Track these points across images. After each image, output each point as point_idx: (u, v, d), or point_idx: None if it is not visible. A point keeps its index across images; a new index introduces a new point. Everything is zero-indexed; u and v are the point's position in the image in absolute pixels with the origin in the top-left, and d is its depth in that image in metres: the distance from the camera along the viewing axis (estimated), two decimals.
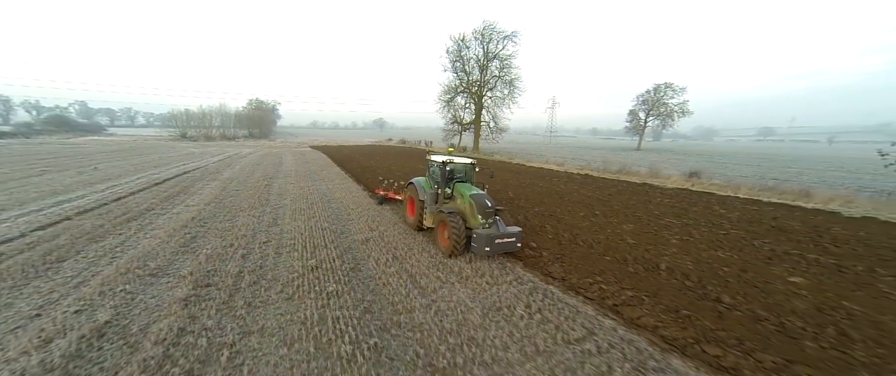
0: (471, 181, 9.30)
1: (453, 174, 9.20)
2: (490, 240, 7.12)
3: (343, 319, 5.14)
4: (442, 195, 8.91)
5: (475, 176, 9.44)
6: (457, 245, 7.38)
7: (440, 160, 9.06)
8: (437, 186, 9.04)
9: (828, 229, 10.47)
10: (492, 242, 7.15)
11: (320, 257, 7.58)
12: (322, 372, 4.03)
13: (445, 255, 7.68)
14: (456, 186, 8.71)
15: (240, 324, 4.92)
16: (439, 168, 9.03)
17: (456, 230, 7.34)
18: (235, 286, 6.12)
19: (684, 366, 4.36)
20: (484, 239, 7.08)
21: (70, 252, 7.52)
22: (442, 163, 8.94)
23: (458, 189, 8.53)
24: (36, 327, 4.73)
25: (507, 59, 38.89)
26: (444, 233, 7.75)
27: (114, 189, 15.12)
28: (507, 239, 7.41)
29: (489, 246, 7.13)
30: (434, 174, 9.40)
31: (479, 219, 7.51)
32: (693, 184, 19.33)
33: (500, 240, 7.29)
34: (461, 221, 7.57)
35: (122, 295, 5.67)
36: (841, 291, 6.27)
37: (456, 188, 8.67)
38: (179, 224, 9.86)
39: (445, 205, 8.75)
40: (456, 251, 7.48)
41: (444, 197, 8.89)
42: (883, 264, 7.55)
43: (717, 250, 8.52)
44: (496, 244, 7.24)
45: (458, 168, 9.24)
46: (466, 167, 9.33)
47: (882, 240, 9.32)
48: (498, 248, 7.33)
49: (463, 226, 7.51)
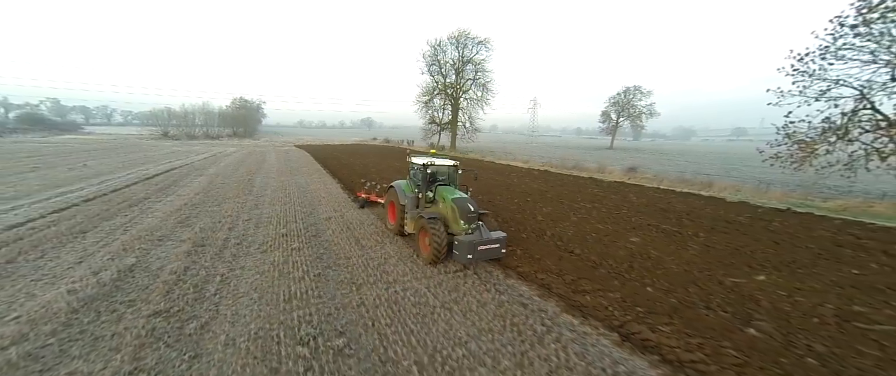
0: (454, 184, 8.94)
1: (435, 177, 8.84)
2: (472, 247, 6.80)
3: (300, 262, 7.44)
4: (423, 199, 8.45)
5: (459, 178, 9.10)
6: (438, 252, 7.01)
7: (421, 162, 8.59)
8: (418, 190, 8.58)
9: (701, 210, 13.30)
10: (474, 250, 6.84)
11: (290, 228, 9.85)
12: (281, 286, 6.34)
13: (426, 263, 7.36)
14: (438, 189, 8.34)
15: (228, 265, 7.17)
16: (420, 170, 8.57)
17: (437, 237, 6.99)
18: (224, 245, 8.34)
19: (519, 284, 6.83)
20: (466, 246, 6.76)
21: (89, 227, 9.54)
22: (423, 165, 8.45)
23: (441, 192, 8.13)
24: (85, 266, 6.86)
25: (480, 64, 41.76)
26: (425, 240, 7.37)
27: (108, 183, 16.84)
28: (491, 245, 7.11)
29: (472, 253, 6.81)
30: (415, 177, 8.99)
31: (461, 225, 7.21)
32: (629, 177, 22.30)
33: (483, 246, 6.98)
34: (443, 227, 7.24)
35: (139, 250, 7.82)
36: (658, 246, 8.94)
37: (438, 191, 8.29)
38: (174, 208, 11.89)
39: (427, 209, 8.32)
40: (437, 258, 7.12)
41: (425, 201, 8.47)
42: (709, 231, 10.32)
43: (600, 224, 11.16)
44: (479, 251, 6.92)
45: (441, 170, 8.88)
46: (449, 169, 8.94)
47: (731, 217, 12.17)
48: (481, 256, 7.01)
49: (444, 232, 7.19)
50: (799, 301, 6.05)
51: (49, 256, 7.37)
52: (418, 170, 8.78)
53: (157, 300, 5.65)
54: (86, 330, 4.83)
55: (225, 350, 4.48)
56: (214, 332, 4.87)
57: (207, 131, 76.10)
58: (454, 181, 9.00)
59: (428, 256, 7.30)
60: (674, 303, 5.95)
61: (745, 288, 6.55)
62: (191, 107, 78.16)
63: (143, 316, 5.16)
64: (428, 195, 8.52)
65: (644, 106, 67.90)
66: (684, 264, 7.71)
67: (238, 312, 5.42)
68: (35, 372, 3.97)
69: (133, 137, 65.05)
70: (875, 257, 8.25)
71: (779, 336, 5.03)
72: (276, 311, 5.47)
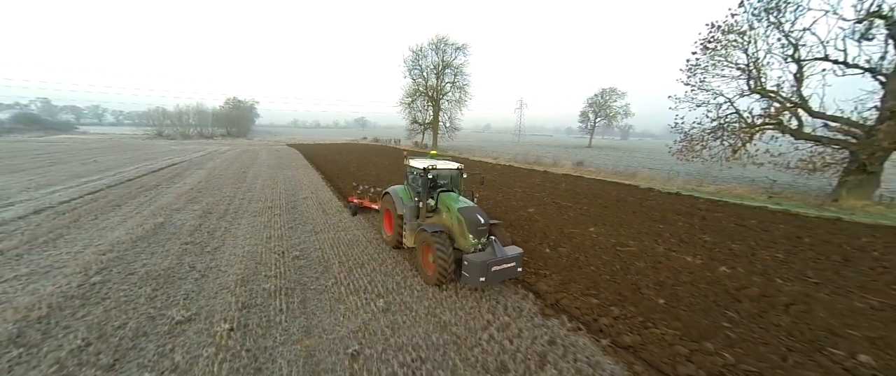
0: (458, 190, 8.08)
1: (437, 182, 7.98)
2: (485, 268, 5.85)
3: (280, 222, 10.64)
4: (424, 208, 7.55)
5: (462, 183, 8.25)
6: (444, 272, 6.15)
7: (421, 166, 7.61)
8: (418, 198, 7.68)
9: (606, 193, 16.70)
10: (488, 271, 5.89)
11: (275, 203, 13.05)
12: (265, 232, 9.52)
13: (430, 284, 6.49)
14: (440, 197, 7.45)
15: (228, 222, 10.35)
16: (421, 176, 7.64)
17: (443, 254, 6.13)
18: (225, 213, 11.51)
19: None
20: (478, 267, 5.83)
21: (121, 202, 12.61)
22: (423, 169, 7.48)
23: (444, 201, 7.23)
24: (130, 223, 9.99)
25: (458, 68, 45.12)
26: (429, 257, 6.57)
27: (120, 175, 19.78)
28: (507, 264, 6.12)
29: (484, 275, 5.87)
30: (414, 183, 8.09)
31: (470, 240, 6.36)
32: (575, 170, 25.78)
33: (497, 267, 5.99)
34: (449, 242, 6.36)
35: (164, 215, 10.94)
36: (544, 214, 12.28)
37: (441, 199, 7.38)
38: (183, 191, 14.99)
39: (428, 219, 7.50)
40: (444, 279, 6.25)
41: (426, 210, 7.57)
42: (593, 206, 13.70)
43: (515, 201, 14.48)
44: (493, 272, 5.96)
45: (443, 174, 8.01)
46: (452, 173, 8.08)
47: (622, 197, 15.59)
48: (495, 277, 6.04)
49: (451, 248, 6.33)
50: (600, 240, 9.41)
51: (101, 218, 10.47)
52: (418, 176, 7.85)
53: (185, 237, 8.84)
54: (146, 249, 7.99)
55: (230, 256, 7.69)
56: (223, 250, 8.07)
57: (202, 131, 78.39)
58: (457, 186, 8.12)
59: (432, 277, 6.34)
60: (528, 246, 9.26)
61: (577, 236, 9.88)
62: (185, 107, 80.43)
63: (179, 244, 8.35)
64: (429, 203, 7.60)
65: (619, 106, 72.03)
66: (550, 223, 11.05)
67: (237, 242, 8.63)
68: (123, 264, 7.12)
69: (128, 137, 67.20)
70: (689, 220, 11.69)
71: (569, 256, 8.32)
72: (260, 242, 8.69)
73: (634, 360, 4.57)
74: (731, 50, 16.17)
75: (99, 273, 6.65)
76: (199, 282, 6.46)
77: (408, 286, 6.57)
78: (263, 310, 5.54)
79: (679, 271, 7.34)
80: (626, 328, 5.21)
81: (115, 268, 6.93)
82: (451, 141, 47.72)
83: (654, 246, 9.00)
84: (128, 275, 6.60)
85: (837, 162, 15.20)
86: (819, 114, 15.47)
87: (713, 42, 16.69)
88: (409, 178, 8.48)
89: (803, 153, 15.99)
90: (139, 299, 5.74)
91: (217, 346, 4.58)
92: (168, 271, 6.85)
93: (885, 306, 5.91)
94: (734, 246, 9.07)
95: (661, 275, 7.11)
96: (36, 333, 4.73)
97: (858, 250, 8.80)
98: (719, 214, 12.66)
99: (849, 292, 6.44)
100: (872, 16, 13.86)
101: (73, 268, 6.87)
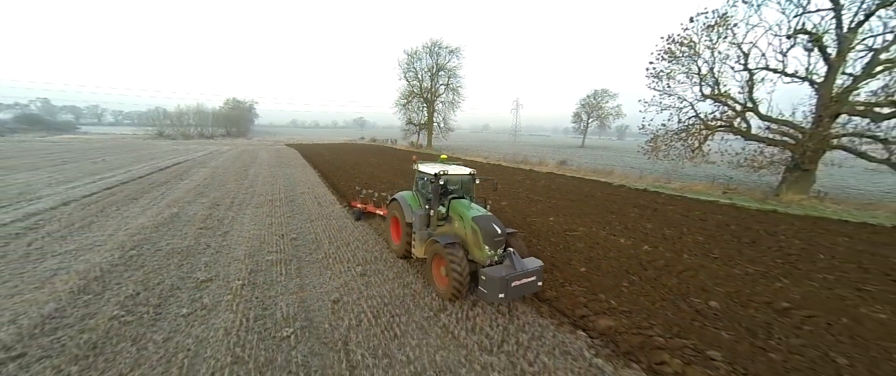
0: (470, 197, 7.79)
1: (447, 188, 7.66)
2: (505, 283, 5.53)
3: (280, 212, 12.17)
4: (435, 216, 7.19)
5: (475, 190, 7.91)
6: (459, 287, 5.83)
7: (433, 172, 7.24)
8: (429, 205, 7.34)
9: (578, 189, 18.28)
10: (507, 286, 5.56)
11: (275, 197, 14.58)
12: (267, 219, 11.05)
13: (444, 298, 6.18)
14: (452, 204, 7.04)
15: (235, 212, 11.88)
16: (431, 182, 7.27)
17: (458, 267, 5.82)
18: (231, 205, 13.04)
19: None
20: (498, 283, 5.51)
21: (137, 196, 14.12)
22: (435, 175, 7.13)
23: (456, 208, 6.86)
24: (149, 213, 11.52)
25: (452, 70, 46.67)
26: (441, 270, 6.29)
27: (132, 172, 21.26)
28: (527, 279, 5.82)
29: (504, 291, 5.54)
30: (424, 189, 7.73)
31: (485, 251, 6.06)
32: (558, 169, 27.35)
33: (518, 282, 5.68)
34: (463, 254, 6.03)
35: (177, 206, 12.47)
36: (515, 206, 13.83)
37: (452, 207, 6.98)
38: (191, 187, 16.50)
39: (439, 228, 7.16)
40: (459, 294, 5.93)
41: (437, 218, 7.19)
42: (561, 200, 15.27)
43: (491, 196, 16.03)
44: (513, 288, 5.64)
45: (453, 180, 7.67)
46: (464, 179, 7.74)
47: (592, 192, 17.16)
48: (515, 293, 5.72)
49: (466, 260, 6.00)
50: (554, 227, 10.97)
51: (123, 209, 11.98)
52: (429, 182, 7.47)
53: (198, 224, 10.38)
54: (167, 233, 9.51)
55: (238, 238, 9.23)
56: (232, 234, 9.61)
57: (202, 131, 79.71)
58: (470, 193, 7.84)
59: (446, 291, 6.07)
60: None
61: (536, 223, 11.44)
62: (185, 108, 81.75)
63: (194, 229, 9.89)
64: (440, 211, 7.23)
65: (611, 107, 73.64)
66: (517, 214, 12.62)
67: (243, 228, 10.18)
68: (150, 243, 8.64)
69: (129, 137, 68.49)
70: (642, 212, 13.27)
71: (523, 238, 9.87)
72: (263, 228, 10.23)
73: (548, 309, 6.11)
74: (685, 60, 17.85)
75: (133, 249, 8.19)
76: (214, 256, 8.00)
77: (383, 259, 8.13)
78: (267, 274, 7.09)
79: (609, 249, 8.91)
80: (548, 287, 6.76)
81: (144, 245, 8.47)
82: (446, 141, 49.33)
83: (598, 231, 10.56)
84: (156, 251, 8.13)
85: (781, 161, 16.87)
86: (767, 118, 17.13)
87: (669, 54, 18.37)
88: (418, 185, 8.13)
89: (750, 152, 17.66)
90: (169, 266, 7.27)
91: (234, 294, 6.14)
92: (188, 248, 8.39)
93: (757, 273, 7.49)
94: (668, 231, 10.65)
95: (593, 253, 8.68)
96: (97, 286, 6.27)
97: (770, 235, 10.39)
98: (671, 207, 14.24)
99: (736, 264, 8.02)
100: (799, 33, 15.79)
101: (110, 245, 8.40)
